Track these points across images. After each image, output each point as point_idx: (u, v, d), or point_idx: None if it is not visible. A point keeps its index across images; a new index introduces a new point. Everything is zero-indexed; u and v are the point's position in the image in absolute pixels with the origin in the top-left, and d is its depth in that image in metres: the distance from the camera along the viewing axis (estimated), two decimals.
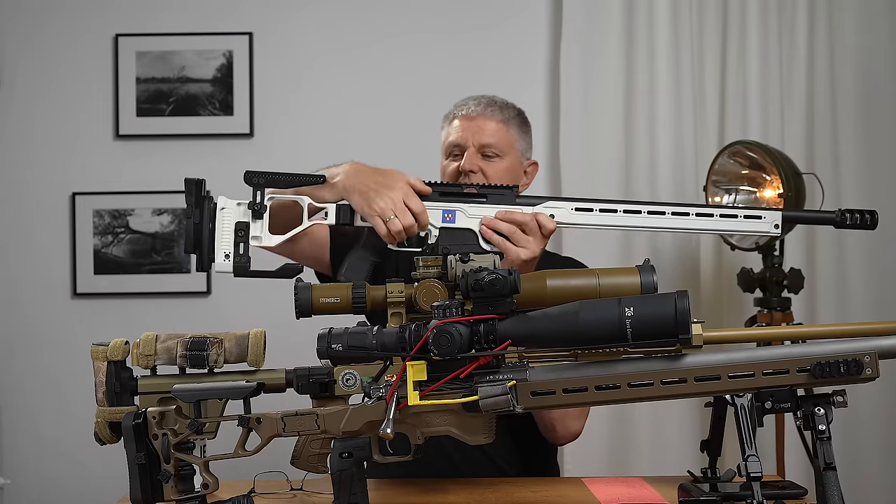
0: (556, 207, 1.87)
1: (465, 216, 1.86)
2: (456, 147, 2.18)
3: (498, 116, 2.19)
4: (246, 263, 1.76)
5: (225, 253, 1.77)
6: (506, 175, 2.17)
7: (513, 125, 2.22)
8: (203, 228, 1.77)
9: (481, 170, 2.15)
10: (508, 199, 1.88)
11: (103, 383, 1.66)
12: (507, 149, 2.19)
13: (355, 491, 1.35)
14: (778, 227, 1.85)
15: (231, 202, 1.81)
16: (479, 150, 2.16)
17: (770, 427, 2.83)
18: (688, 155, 3.13)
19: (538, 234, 1.85)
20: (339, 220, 1.83)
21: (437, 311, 1.31)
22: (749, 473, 1.41)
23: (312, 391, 1.68)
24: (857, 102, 3.14)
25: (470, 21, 3.27)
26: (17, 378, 3.24)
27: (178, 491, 1.41)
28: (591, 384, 1.31)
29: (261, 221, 1.80)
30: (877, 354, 1.27)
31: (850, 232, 3.12)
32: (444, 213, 1.85)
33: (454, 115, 2.22)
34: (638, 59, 3.14)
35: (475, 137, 2.17)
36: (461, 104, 2.23)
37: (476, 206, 1.87)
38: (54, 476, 3.21)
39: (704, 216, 1.86)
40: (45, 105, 3.26)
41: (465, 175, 2.14)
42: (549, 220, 1.85)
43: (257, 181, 1.80)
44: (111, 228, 3.24)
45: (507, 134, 2.20)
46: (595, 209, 1.86)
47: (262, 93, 3.26)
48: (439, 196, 1.86)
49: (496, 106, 2.21)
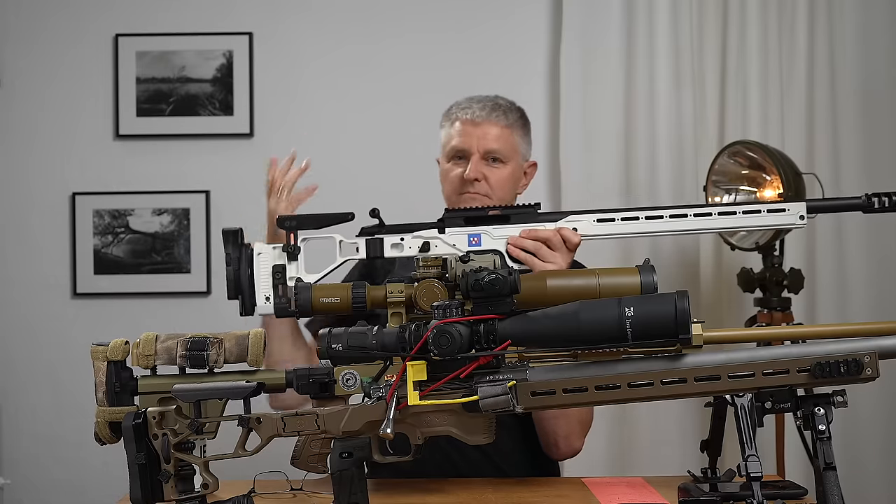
0: (578, 221, 1.91)
1: (490, 238, 1.89)
2: (459, 152, 2.18)
3: (502, 121, 2.19)
4: (286, 304, 1.82)
5: (266, 296, 1.83)
6: (509, 180, 2.18)
7: (516, 129, 2.21)
8: (242, 275, 1.83)
9: (485, 177, 2.16)
10: (531, 217, 1.92)
11: (103, 383, 1.66)
12: (511, 154, 2.20)
13: (355, 491, 1.35)
14: (803, 217, 1.87)
15: (267, 247, 1.87)
16: (483, 157, 2.17)
17: (770, 427, 2.83)
18: (688, 155, 3.13)
19: (563, 248, 1.88)
20: (370, 253, 1.87)
21: (437, 311, 1.30)
22: (749, 473, 1.41)
23: (312, 391, 1.68)
24: (857, 102, 3.14)
25: (470, 21, 3.27)
26: (17, 378, 3.24)
27: (178, 491, 1.41)
28: (591, 384, 1.31)
29: (296, 262, 1.86)
30: (877, 354, 1.27)
31: (850, 232, 3.12)
32: (469, 238, 1.89)
33: (457, 117, 2.21)
34: (638, 59, 3.14)
35: (480, 144, 2.17)
36: (464, 106, 2.22)
37: (500, 228, 1.90)
38: (54, 476, 3.21)
39: (728, 215, 1.87)
40: (45, 105, 3.26)
41: (469, 183, 2.14)
42: (573, 234, 1.89)
43: (289, 225, 1.86)
44: (111, 228, 3.24)
45: (511, 139, 2.20)
46: (617, 219, 1.88)
47: (262, 93, 3.26)
48: (464, 221, 1.90)
49: (500, 110, 2.20)
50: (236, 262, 1.83)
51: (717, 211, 1.88)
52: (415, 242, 1.87)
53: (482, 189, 2.16)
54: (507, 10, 3.27)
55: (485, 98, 2.23)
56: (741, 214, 1.87)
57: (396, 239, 1.88)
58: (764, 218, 1.87)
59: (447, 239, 1.87)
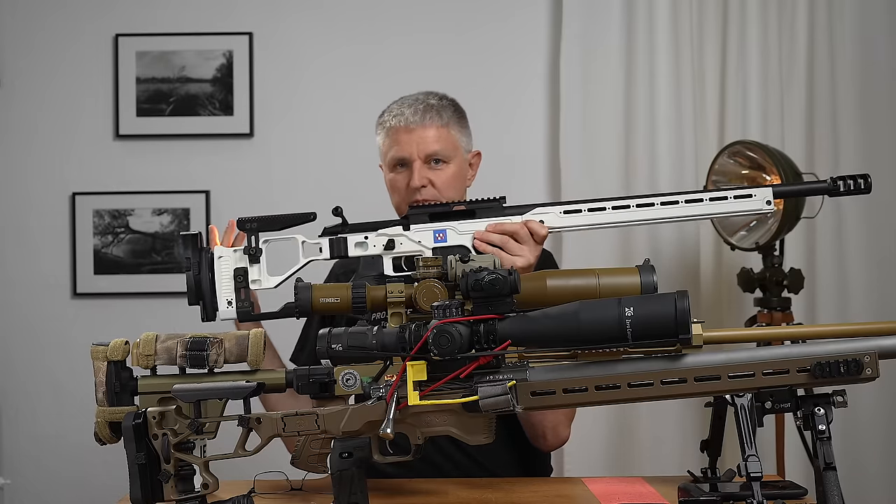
0: (544, 213, 1.88)
1: (456, 233, 1.87)
2: (400, 160, 2.15)
3: (437, 122, 2.15)
4: (249, 308, 1.79)
5: (227, 300, 1.79)
6: (455, 178, 2.16)
7: (453, 125, 2.17)
8: (203, 279, 1.79)
9: (431, 182, 2.13)
10: (497, 211, 1.89)
11: (103, 383, 1.66)
12: (453, 152, 2.17)
13: (355, 491, 1.35)
14: (770, 202, 1.84)
15: (228, 250, 1.82)
16: (425, 161, 2.14)
17: (770, 427, 2.83)
18: (688, 155, 3.13)
19: (530, 241, 1.86)
20: (333, 253, 1.84)
21: (437, 311, 1.30)
22: (749, 473, 1.41)
23: (312, 391, 1.68)
24: (857, 102, 3.14)
25: (470, 21, 3.27)
26: (17, 378, 3.24)
27: (178, 491, 1.41)
28: (591, 384, 1.31)
29: (258, 265, 1.82)
30: (877, 354, 1.27)
31: (850, 232, 3.12)
32: (435, 234, 1.87)
33: (390, 125, 2.16)
34: (638, 59, 3.14)
35: (419, 149, 2.13)
36: (396, 112, 2.17)
37: (466, 223, 1.87)
38: (54, 476, 3.21)
39: (694, 202, 1.85)
40: (45, 105, 3.26)
41: (416, 191, 2.13)
42: (539, 226, 1.86)
43: (250, 226, 1.81)
44: (111, 228, 3.24)
45: (450, 137, 2.16)
46: (583, 209, 1.87)
47: (262, 93, 3.26)
48: (429, 218, 1.87)
49: (433, 111, 2.15)
50: (196, 267, 1.79)
51: (683, 199, 1.86)
52: (379, 241, 1.84)
53: (430, 194, 2.12)
54: (508, 10, 3.27)
55: (415, 100, 2.18)
56: (707, 202, 1.86)
57: (360, 238, 1.85)
58: (731, 204, 1.86)
59: (412, 236, 1.85)
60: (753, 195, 1.85)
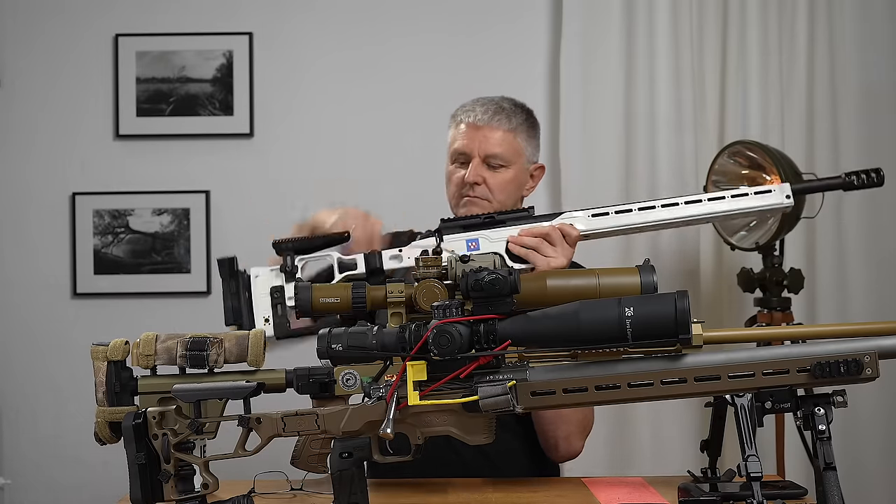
0: (573, 218, 1.93)
1: (489, 241, 1.91)
2: (461, 155, 2.18)
3: (505, 125, 2.16)
4: (286, 324, 1.83)
5: (264, 318, 1.83)
6: (511, 184, 2.17)
7: (520, 132, 2.19)
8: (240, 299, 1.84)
9: (485, 181, 2.15)
10: (526, 220, 1.94)
11: (103, 383, 1.66)
12: (514, 158, 2.18)
13: (355, 491, 1.35)
14: (790, 197, 1.90)
15: (264, 269, 1.87)
16: (484, 161, 2.16)
17: (770, 427, 2.83)
18: (688, 155, 3.13)
19: (563, 243, 1.90)
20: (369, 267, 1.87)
21: (437, 311, 1.30)
22: (749, 473, 1.41)
23: (312, 391, 1.68)
24: (857, 102, 3.14)
25: (470, 21, 3.27)
26: (17, 378, 3.24)
27: (178, 491, 1.41)
28: (591, 384, 1.31)
29: None
30: (877, 354, 1.27)
31: (850, 232, 3.12)
32: (468, 243, 1.91)
33: (461, 119, 2.19)
34: (638, 59, 3.14)
35: (481, 147, 2.15)
36: (468, 108, 2.20)
37: (497, 230, 1.91)
38: (54, 476, 3.21)
39: (717, 199, 1.91)
40: (46, 105, 3.26)
41: (469, 186, 2.14)
42: (571, 228, 1.91)
43: (286, 247, 1.86)
44: (111, 228, 3.24)
45: (515, 142, 2.18)
46: (611, 212, 1.90)
47: (262, 93, 3.26)
48: (462, 228, 1.91)
49: (504, 114, 2.17)
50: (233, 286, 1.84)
51: (706, 197, 1.92)
52: (413, 253, 1.87)
53: (482, 193, 2.14)
54: (508, 11, 3.27)
55: (489, 101, 2.20)
56: (730, 199, 1.90)
57: (395, 251, 1.89)
58: (752, 200, 1.90)
59: (445, 246, 1.87)
60: (773, 190, 1.89)
